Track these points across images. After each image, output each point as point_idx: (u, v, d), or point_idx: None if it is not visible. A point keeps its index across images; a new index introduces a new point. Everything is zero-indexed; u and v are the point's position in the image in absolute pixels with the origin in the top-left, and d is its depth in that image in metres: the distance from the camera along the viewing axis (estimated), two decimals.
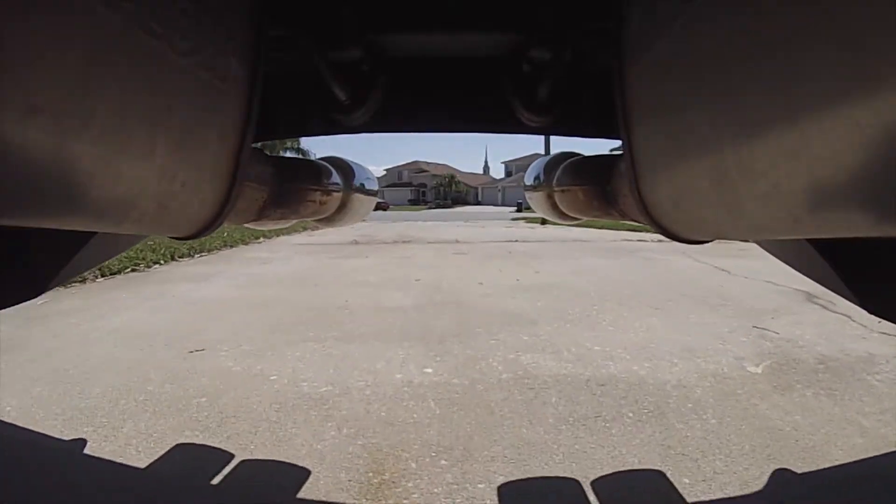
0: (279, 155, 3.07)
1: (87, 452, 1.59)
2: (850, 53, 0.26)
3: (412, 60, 0.92)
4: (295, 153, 20.64)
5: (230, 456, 1.57)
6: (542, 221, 13.43)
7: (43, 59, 0.32)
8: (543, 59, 0.79)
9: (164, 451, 1.59)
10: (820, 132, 0.30)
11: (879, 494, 1.38)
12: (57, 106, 0.34)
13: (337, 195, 1.08)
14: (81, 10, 0.35)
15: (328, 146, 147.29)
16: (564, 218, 1.19)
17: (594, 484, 1.40)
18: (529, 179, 1.28)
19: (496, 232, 12.05)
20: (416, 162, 61.82)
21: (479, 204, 55.25)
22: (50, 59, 0.33)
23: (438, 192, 54.98)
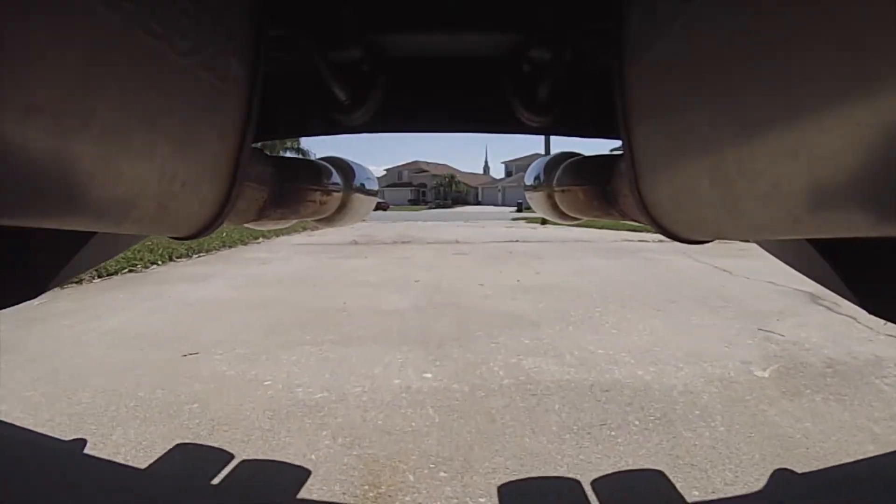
0: (279, 155, 3.04)
1: (87, 452, 1.58)
2: (850, 53, 0.26)
3: (412, 60, 0.92)
4: (295, 153, 20.65)
5: (230, 456, 1.55)
6: (542, 221, 13.40)
7: (43, 58, 0.32)
8: (543, 59, 0.79)
9: (159, 454, 1.56)
10: (820, 132, 0.30)
11: (879, 494, 1.37)
12: (57, 106, 0.34)
13: (337, 195, 1.08)
14: (81, 10, 0.35)
15: (328, 146, 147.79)
16: (565, 218, 1.20)
17: (594, 484, 1.38)
18: (529, 179, 1.28)
19: (496, 232, 12.01)
20: (416, 162, 61.84)
21: (479, 204, 55.26)
22: (50, 58, 0.33)
23: (438, 192, 54.97)
